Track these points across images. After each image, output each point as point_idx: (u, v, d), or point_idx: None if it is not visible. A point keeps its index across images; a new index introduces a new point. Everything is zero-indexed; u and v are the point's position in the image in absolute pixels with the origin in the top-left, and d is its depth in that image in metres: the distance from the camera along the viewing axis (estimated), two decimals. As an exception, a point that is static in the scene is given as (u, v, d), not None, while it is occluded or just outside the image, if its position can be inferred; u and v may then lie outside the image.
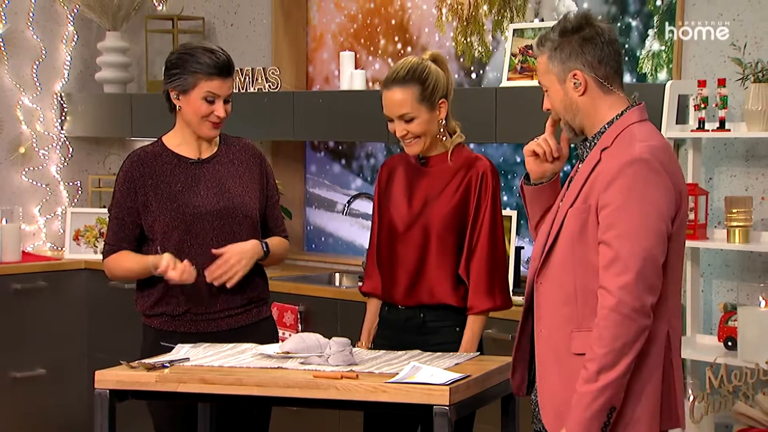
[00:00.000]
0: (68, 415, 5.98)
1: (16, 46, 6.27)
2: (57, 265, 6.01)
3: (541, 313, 2.95)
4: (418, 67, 3.59)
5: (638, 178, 2.78)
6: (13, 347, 5.84)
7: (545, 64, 2.94)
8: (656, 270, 2.78)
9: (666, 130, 4.25)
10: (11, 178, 6.31)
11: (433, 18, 5.41)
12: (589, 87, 2.90)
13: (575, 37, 2.90)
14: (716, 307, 4.36)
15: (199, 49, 3.71)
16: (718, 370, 3.69)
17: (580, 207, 2.86)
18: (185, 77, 3.68)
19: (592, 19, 2.93)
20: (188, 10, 6.27)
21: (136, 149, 3.85)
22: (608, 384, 2.75)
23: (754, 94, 4.05)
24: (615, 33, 2.95)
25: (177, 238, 3.70)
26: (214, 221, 3.70)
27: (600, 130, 2.92)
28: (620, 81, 2.94)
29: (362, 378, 3.11)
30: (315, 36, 5.94)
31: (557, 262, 2.90)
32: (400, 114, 3.55)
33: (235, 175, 3.77)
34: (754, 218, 4.20)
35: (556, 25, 2.94)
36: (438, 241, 3.57)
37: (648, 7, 4.67)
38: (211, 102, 3.69)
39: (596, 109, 2.92)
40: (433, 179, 3.62)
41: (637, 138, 2.85)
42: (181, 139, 3.79)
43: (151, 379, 3.21)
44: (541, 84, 2.99)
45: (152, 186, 3.72)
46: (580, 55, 2.89)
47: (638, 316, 2.75)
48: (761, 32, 4.30)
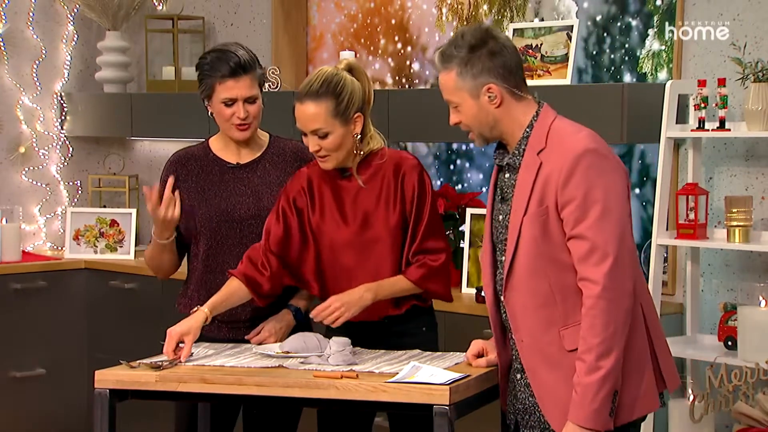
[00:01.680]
0: (68, 415, 5.98)
1: (16, 46, 6.27)
2: (57, 265, 6.01)
3: (517, 324, 3.00)
4: (333, 80, 3.41)
5: (593, 167, 2.86)
6: (12, 347, 5.84)
7: (454, 81, 2.98)
8: (631, 250, 2.89)
9: (666, 129, 4.25)
10: (11, 177, 6.31)
11: (433, 18, 5.41)
12: (504, 98, 2.97)
13: (482, 51, 2.95)
14: (716, 306, 4.36)
15: (215, 53, 3.65)
16: (718, 370, 3.69)
17: (535, 211, 2.91)
18: (205, 83, 3.64)
19: (493, 31, 2.99)
20: (188, 10, 6.27)
21: (180, 149, 3.81)
22: (609, 371, 2.81)
23: (754, 94, 4.05)
24: (511, 40, 3.04)
25: (205, 243, 3.69)
26: (243, 228, 3.68)
27: (523, 135, 2.98)
28: (526, 85, 3.02)
29: (362, 378, 3.11)
30: (315, 36, 5.94)
31: (523, 271, 2.95)
32: (313, 129, 3.41)
33: (273, 182, 3.70)
34: (754, 218, 4.20)
35: (458, 41, 2.98)
36: (392, 251, 3.48)
37: (648, 7, 4.66)
38: (230, 105, 3.62)
39: (513, 117, 2.99)
40: (363, 191, 3.50)
41: (570, 131, 2.95)
42: (223, 143, 3.75)
43: (151, 379, 3.21)
44: (450, 101, 3.03)
45: (187, 188, 3.70)
46: (491, 69, 2.95)
47: (624, 299, 2.84)
48: (761, 32, 4.30)
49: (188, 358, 3.34)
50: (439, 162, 5.43)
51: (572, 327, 2.89)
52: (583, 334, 2.84)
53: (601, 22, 4.81)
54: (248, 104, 3.63)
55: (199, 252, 3.72)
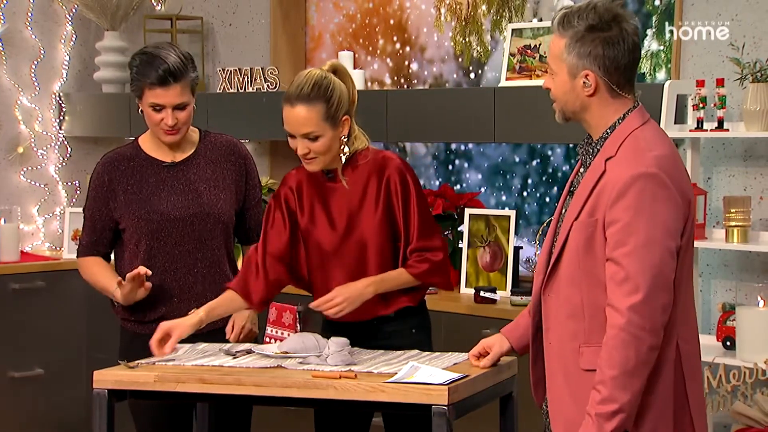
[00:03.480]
0: (67, 415, 5.98)
1: (14, 46, 6.26)
2: (55, 265, 6.00)
3: (549, 325, 2.90)
4: (323, 83, 3.40)
5: (646, 194, 2.71)
6: (11, 347, 5.84)
7: (561, 49, 2.82)
8: (667, 288, 2.71)
9: (664, 129, 4.24)
10: (9, 177, 6.30)
11: (432, 18, 5.41)
12: (599, 90, 2.82)
13: (600, 36, 2.78)
14: (715, 306, 4.36)
15: (145, 56, 3.60)
16: (716, 370, 3.69)
17: (585, 221, 2.79)
18: (135, 84, 3.62)
19: (622, 18, 2.80)
20: (187, 10, 6.27)
21: (110, 150, 3.80)
22: (620, 407, 2.69)
23: (753, 94, 4.05)
24: (639, 36, 2.84)
25: (145, 244, 3.67)
26: (185, 227, 3.66)
27: (603, 135, 2.84)
28: (631, 86, 2.86)
29: (361, 378, 3.11)
30: (313, 36, 5.94)
31: (564, 275, 2.84)
32: (305, 133, 3.40)
33: (210, 178, 3.70)
34: (753, 218, 4.20)
35: (583, 11, 2.79)
36: (377, 253, 3.49)
37: (647, 7, 4.67)
38: (159, 110, 3.60)
39: (601, 111, 2.84)
40: (347, 192, 3.50)
41: (643, 147, 2.77)
42: (155, 143, 3.72)
43: (150, 379, 3.21)
44: (549, 64, 2.88)
45: (123, 189, 3.68)
46: (598, 57, 2.78)
47: (648, 336, 2.68)
48: (760, 32, 4.30)
49: (166, 356, 3.34)
50: (438, 162, 5.43)
51: (593, 347, 2.77)
52: (601, 364, 2.71)
53: (600, 23, 4.81)
54: (178, 111, 3.61)
55: (139, 252, 3.69)
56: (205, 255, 3.69)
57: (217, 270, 3.71)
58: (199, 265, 3.69)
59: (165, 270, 3.65)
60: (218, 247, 3.71)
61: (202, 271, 3.69)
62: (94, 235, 3.74)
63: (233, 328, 3.72)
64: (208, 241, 3.68)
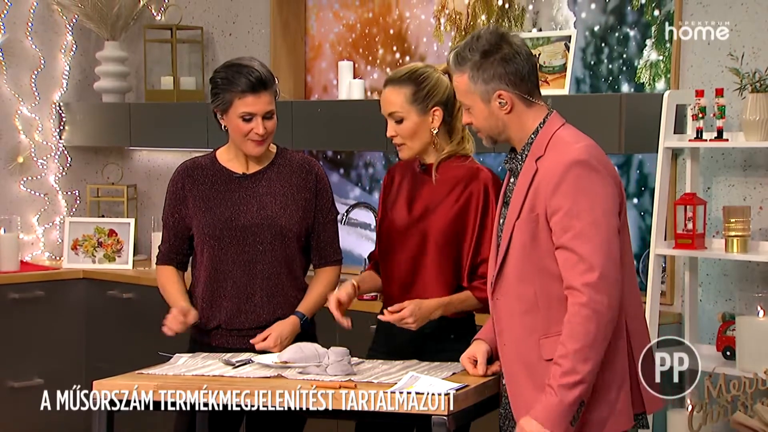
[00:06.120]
0: (66, 424, 5.97)
1: (14, 56, 6.27)
2: (55, 275, 6.00)
3: (501, 327, 3.02)
4: (419, 70, 3.54)
5: (582, 179, 2.87)
6: (10, 357, 5.84)
7: (466, 83, 3.01)
8: (616, 264, 2.87)
9: (664, 139, 4.25)
10: (9, 187, 6.31)
11: (432, 28, 5.42)
12: (515, 104, 2.99)
13: (496, 57, 2.96)
14: (714, 316, 4.36)
15: (233, 67, 3.65)
16: (716, 380, 3.69)
17: (526, 218, 2.93)
18: (222, 96, 3.64)
19: (508, 36, 2.99)
20: (187, 20, 6.28)
21: (187, 159, 3.83)
22: (581, 379, 2.82)
23: (752, 104, 4.06)
24: (527, 46, 3.02)
25: (208, 251, 3.71)
26: (245, 236, 3.68)
27: (528, 141, 3.00)
28: (539, 91, 3.03)
29: (360, 388, 3.10)
30: (313, 45, 5.95)
31: (511, 274, 2.97)
32: (390, 112, 3.53)
33: (278, 192, 3.72)
34: (752, 228, 4.20)
35: (471, 44, 2.99)
36: (436, 250, 3.54)
37: (646, 17, 4.67)
38: (249, 120, 3.63)
39: (522, 122, 3.01)
40: (434, 188, 3.58)
41: (569, 141, 2.94)
42: (232, 154, 3.76)
43: (150, 389, 3.21)
44: (463, 102, 3.06)
45: (193, 196, 3.73)
46: (503, 76, 2.96)
47: (607, 311, 2.83)
48: (759, 42, 4.30)
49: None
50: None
51: (553, 337, 2.90)
52: (563, 340, 2.84)
53: (599, 33, 4.82)
54: (266, 120, 3.65)
55: (203, 260, 3.73)
56: (264, 267, 3.70)
57: (275, 282, 3.72)
58: (258, 276, 3.70)
59: (227, 279, 3.68)
60: (277, 261, 3.71)
61: (261, 283, 3.70)
62: (168, 242, 3.80)
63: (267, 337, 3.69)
64: (268, 252, 3.69)
